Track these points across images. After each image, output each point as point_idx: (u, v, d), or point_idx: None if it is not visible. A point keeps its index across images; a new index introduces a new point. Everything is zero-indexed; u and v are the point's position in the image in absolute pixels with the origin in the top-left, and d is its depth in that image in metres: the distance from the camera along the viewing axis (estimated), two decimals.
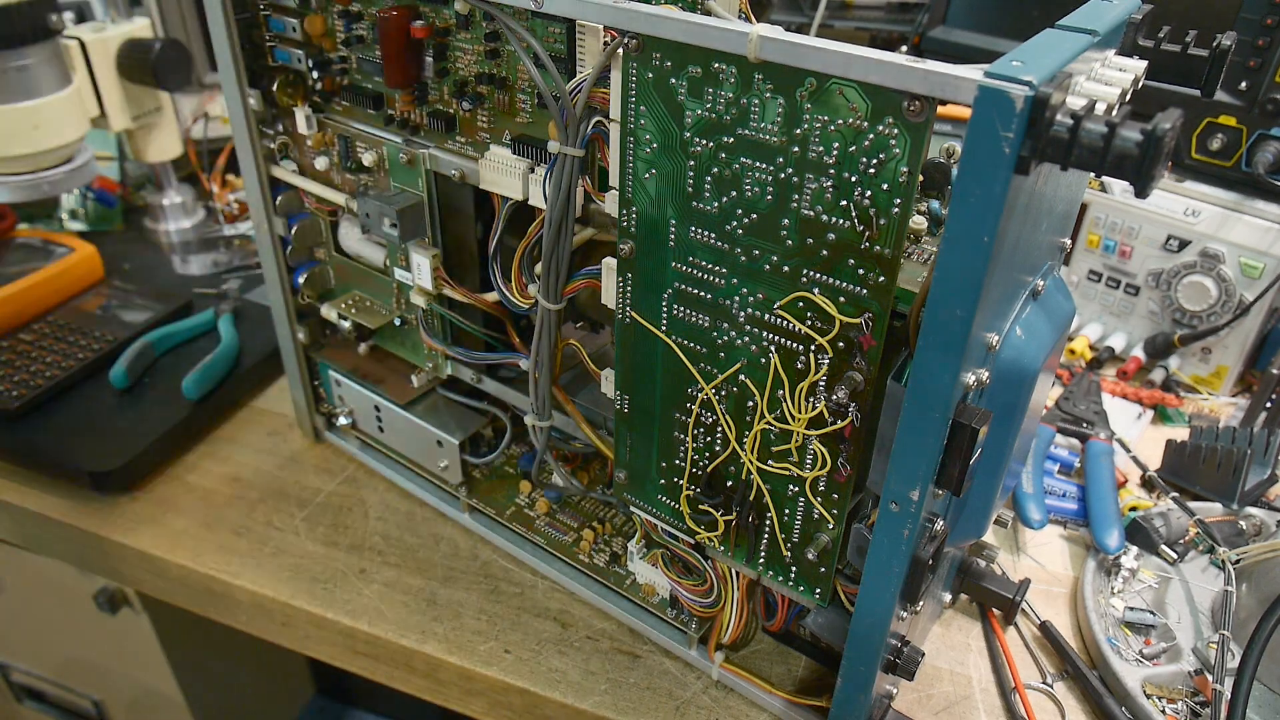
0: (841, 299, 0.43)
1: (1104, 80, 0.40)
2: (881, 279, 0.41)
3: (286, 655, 0.83)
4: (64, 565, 0.86)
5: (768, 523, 0.51)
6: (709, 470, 0.52)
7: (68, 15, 0.91)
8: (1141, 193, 0.33)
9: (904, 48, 1.03)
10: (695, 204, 0.45)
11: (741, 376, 0.48)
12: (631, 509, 0.58)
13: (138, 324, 0.89)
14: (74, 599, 0.91)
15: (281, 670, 1.21)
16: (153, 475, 0.77)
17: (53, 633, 1.00)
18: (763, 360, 0.47)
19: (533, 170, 0.53)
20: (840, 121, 0.39)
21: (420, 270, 0.62)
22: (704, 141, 0.43)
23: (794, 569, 0.52)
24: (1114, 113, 0.37)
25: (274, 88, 0.64)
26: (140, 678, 0.98)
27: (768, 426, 0.48)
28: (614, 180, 0.48)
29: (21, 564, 0.91)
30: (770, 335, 0.46)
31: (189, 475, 0.78)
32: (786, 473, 0.49)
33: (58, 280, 0.93)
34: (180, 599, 0.73)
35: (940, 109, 0.37)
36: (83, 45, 0.93)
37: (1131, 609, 0.64)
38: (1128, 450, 0.81)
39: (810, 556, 0.50)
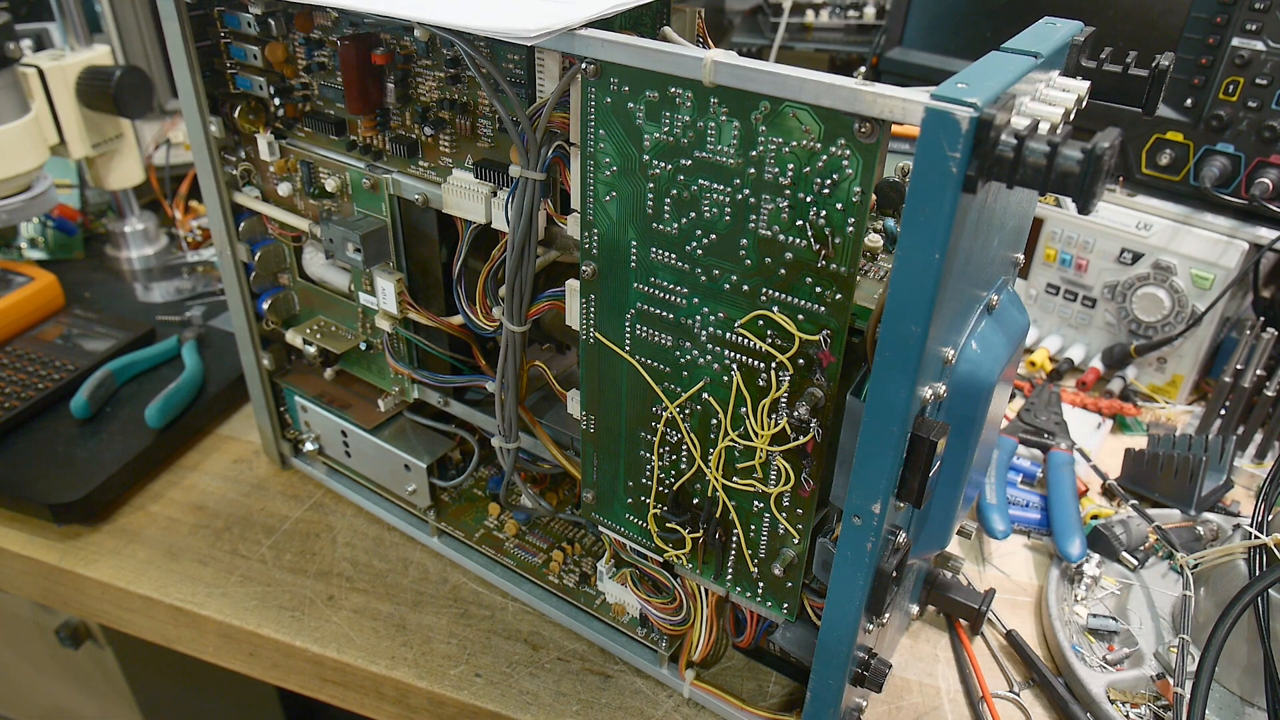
0: (800, 316, 0.43)
1: (1048, 100, 0.41)
2: (838, 296, 0.42)
3: (255, 686, 0.81)
4: (24, 600, 0.84)
5: (734, 539, 0.52)
6: (675, 488, 0.53)
7: (25, 43, 0.90)
8: (1084, 209, 0.34)
9: (862, 69, 1.05)
10: (655, 225, 0.46)
11: (705, 395, 0.49)
12: (600, 529, 0.58)
13: (99, 353, 0.88)
14: (35, 634, 0.89)
15: (250, 701, 1.19)
16: (115, 506, 0.76)
17: (13, 670, 0.98)
18: (725, 378, 0.47)
19: (495, 194, 0.54)
20: (794, 143, 0.40)
21: (385, 295, 0.62)
22: (662, 164, 0.44)
23: (761, 584, 0.52)
24: (1057, 132, 0.38)
25: (236, 114, 0.64)
26: (105, 713, 0.96)
27: (732, 444, 0.49)
28: (575, 203, 0.49)
29: None
30: (732, 353, 0.46)
31: (152, 505, 0.77)
32: (751, 489, 0.49)
33: (17, 310, 0.92)
34: (145, 631, 0.72)
35: (898, 128, 0.38)
36: (41, 73, 0.92)
37: (1095, 616, 0.66)
38: (1088, 460, 0.82)
39: (777, 572, 0.51)
